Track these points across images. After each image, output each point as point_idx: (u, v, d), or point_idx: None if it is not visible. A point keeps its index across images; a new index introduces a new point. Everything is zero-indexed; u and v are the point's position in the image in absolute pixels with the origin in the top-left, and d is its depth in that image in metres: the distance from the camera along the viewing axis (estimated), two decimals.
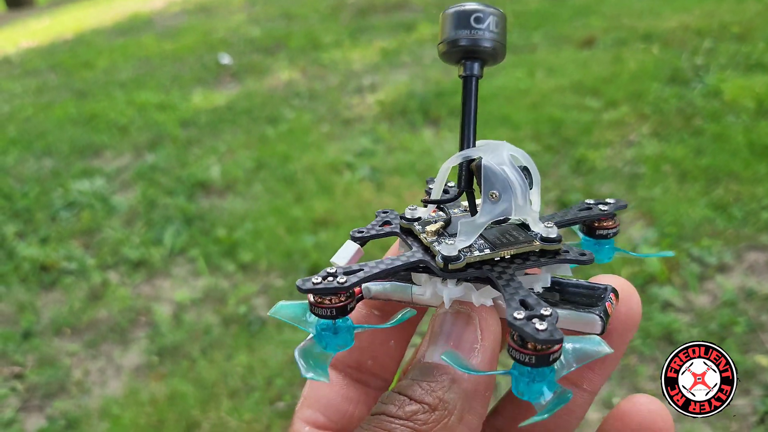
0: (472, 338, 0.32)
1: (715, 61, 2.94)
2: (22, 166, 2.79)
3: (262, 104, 3.18)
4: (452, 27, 0.34)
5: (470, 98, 0.34)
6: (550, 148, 2.39)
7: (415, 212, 0.36)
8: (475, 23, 0.33)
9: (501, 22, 0.34)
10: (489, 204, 0.32)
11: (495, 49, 0.34)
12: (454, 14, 0.34)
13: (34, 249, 2.14)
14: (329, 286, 0.30)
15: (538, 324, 0.27)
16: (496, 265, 0.32)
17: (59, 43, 5.14)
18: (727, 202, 1.94)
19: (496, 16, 0.34)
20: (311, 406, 0.37)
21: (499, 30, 0.34)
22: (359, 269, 0.31)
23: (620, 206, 0.38)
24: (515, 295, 0.30)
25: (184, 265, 2.03)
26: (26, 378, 1.67)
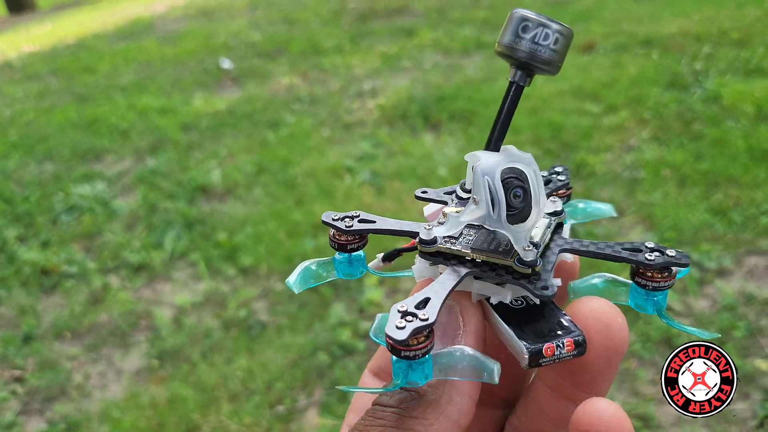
0: (455, 325, 0.33)
1: (714, 66, 2.94)
2: (24, 170, 2.80)
3: (263, 108, 3.19)
4: (514, 32, 0.34)
5: (507, 103, 0.36)
6: (550, 152, 2.40)
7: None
8: (535, 35, 0.33)
9: (563, 41, 0.34)
10: (472, 206, 0.32)
11: (549, 65, 0.34)
12: (520, 19, 0.34)
13: (35, 253, 2.14)
14: (338, 225, 0.36)
15: (398, 322, 0.29)
16: (466, 263, 0.33)
17: (61, 48, 5.15)
18: (726, 206, 1.95)
19: (560, 33, 0.33)
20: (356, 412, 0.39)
21: (558, 47, 0.34)
22: (373, 221, 0.37)
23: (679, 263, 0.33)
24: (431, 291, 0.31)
25: (185, 269, 2.03)
26: (27, 381, 1.67)
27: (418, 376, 0.30)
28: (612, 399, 1.11)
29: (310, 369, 1.58)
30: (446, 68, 3.48)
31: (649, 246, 0.34)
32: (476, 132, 2.57)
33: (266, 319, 1.77)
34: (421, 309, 0.30)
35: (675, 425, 1.34)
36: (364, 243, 0.38)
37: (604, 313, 0.32)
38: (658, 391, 1.42)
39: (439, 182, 2.24)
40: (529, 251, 0.32)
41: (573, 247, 0.35)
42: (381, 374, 0.40)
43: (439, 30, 4.23)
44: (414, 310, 0.30)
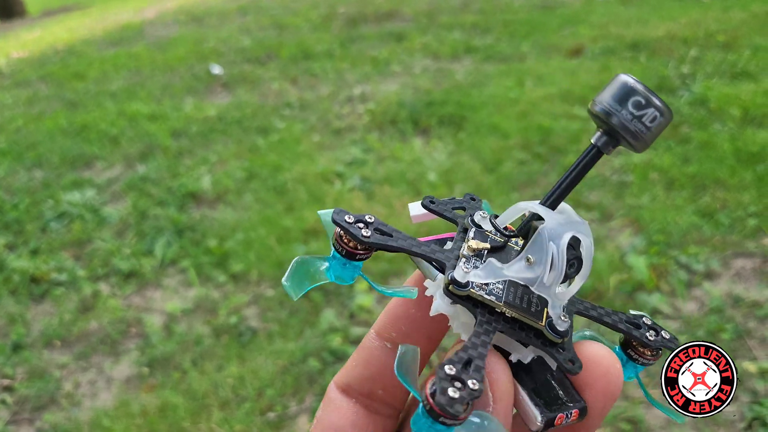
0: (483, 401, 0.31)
1: (701, 69, 2.97)
2: (13, 178, 2.79)
3: (253, 114, 3.19)
4: (616, 98, 0.32)
5: (582, 164, 0.34)
6: (539, 156, 2.41)
7: (483, 220, 0.36)
8: (638, 111, 0.31)
9: (662, 121, 0.32)
10: (521, 264, 0.32)
11: (637, 140, 0.32)
12: (625, 87, 0.32)
13: (24, 261, 2.13)
14: (353, 231, 0.32)
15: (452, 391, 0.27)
16: (493, 314, 0.32)
17: (50, 54, 5.13)
18: (713, 209, 1.96)
19: (660, 113, 0.31)
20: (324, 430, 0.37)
21: (653, 127, 0.31)
22: (390, 233, 0.34)
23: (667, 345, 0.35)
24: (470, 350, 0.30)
25: (175, 275, 2.03)
26: (16, 390, 1.66)
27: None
28: None
29: (300, 375, 1.58)
30: (436, 73, 3.49)
31: (647, 323, 0.35)
32: (465, 137, 2.58)
33: (257, 325, 1.77)
34: (467, 374, 0.28)
35: (664, 428, 1.35)
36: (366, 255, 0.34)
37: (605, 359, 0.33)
38: None
39: (428, 187, 2.24)
40: (564, 321, 0.32)
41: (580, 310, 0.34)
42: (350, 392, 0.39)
43: (429, 34, 4.24)
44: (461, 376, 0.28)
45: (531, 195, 2.17)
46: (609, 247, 1.87)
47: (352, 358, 0.39)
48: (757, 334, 1.53)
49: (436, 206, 0.37)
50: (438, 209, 0.37)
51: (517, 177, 2.28)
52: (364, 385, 0.38)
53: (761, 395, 1.37)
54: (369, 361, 0.38)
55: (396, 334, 0.38)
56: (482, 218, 0.36)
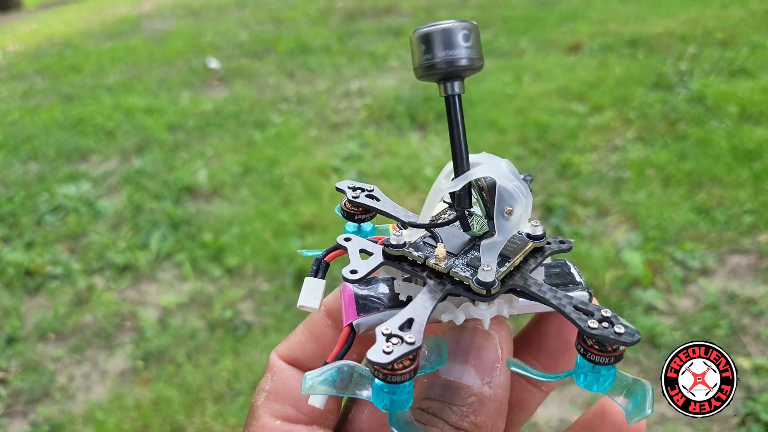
0: (493, 357, 0.32)
1: (699, 66, 2.97)
2: (8, 171, 2.78)
3: (249, 108, 3.18)
4: (424, 50, 0.32)
5: (457, 117, 0.33)
6: (536, 152, 2.41)
7: (400, 238, 0.34)
8: (447, 43, 0.31)
9: (473, 34, 0.32)
10: (502, 220, 0.32)
11: (472, 64, 0.32)
12: (425, 37, 0.32)
13: (18, 254, 2.13)
14: (408, 350, 0.28)
15: (616, 328, 0.29)
16: (514, 274, 0.33)
17: (47, 47, 5.11)
18: (710, 206, 1.96)
19: (466, 29, 0.32)
20: (279, 400, 0.37)
21: (472, 43, 0.32)
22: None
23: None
24: (563, 301, 0.31)
25: (171, 269, 2.03)
26: (10, 383, 1.66)
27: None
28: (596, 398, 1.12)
29: None
30: None
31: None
32: None
33: (252, 319, 1.77)
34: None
35: (658, 423, 1.35)
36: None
37: None
38: None
39: (425, 182, 2.24)
40: (536, 226, 0.34)
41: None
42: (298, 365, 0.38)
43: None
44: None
45: None
46: (605, 243, 1.87)
47: (298, 332, 0.39)
48: (752, 331, 1.53)
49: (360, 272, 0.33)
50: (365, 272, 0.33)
51: None
52: (314, 362, 0.38)
53: (755, 391, 1.38)
54: (319, 338, 0.38)
55: None
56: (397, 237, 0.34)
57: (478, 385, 0.32)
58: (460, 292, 0.32)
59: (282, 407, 0.36)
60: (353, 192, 0.38)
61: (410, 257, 0.34)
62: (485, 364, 0.32)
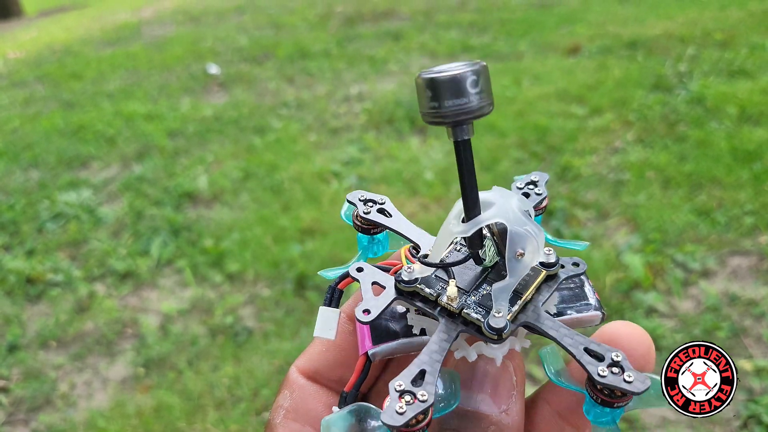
0: (509, 385, 0.33)
1: (698, 68, 2.97)
2: (9, 178, 2.78)
3: (249, 114, 3.18)
4: (430, 98, 0.30)
5: (467, 161, 0.32)
6: (535, 155, 2.41)
7: (412, 273, 0.34)
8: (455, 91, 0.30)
9: (482, 78, 0.30)
10: (514, 263, 0.32)
11: (482, 111, 0.31)
12: (431, 83, 0.30)
13: (20, 261, 2.13)
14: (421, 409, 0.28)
15: (625, 375, 0.29)
16: (527, 308, 0.33)
17: (47, 54, 5.12)
18: (710, 207, 1.96)
19: (475, 75, 0.30)
20: (298, 420, 0.37)
21: (481, 87, 0.30)
22: (422, 370, 0.30)
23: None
24: (574, 344, 0.31)
25: (171, 276, 2.03)
26: (11, 391, 1.66)
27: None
28: None
29: None
30: None
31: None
32: None
33: (253, 325, 1.77)
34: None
35: (660, 426, 1.35)
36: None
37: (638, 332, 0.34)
38: None
39: (425, 186, 2.24)
40: (550, 254, 0.34)
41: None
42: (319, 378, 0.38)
43: (426, 33, 4.24)
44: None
45: None
46: (605, 245, 1.87)
47: (319, 344, 0.38)
48: (753, 333, 1.53)
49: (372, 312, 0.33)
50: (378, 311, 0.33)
51: (514, 176, 2.27)
52: (335, 371, 0.38)
53: (757, 393, 1.37)
54: (341, 346, 0.38)
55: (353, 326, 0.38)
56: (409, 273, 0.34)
57: (495, 413, 0.32)
58: (472, 332, 0.32)
59: (301, 428, 0.36)
60: (364, 206, 0.39)
61: (422, 293, 0.34)
62: (502, 393, 0.33)
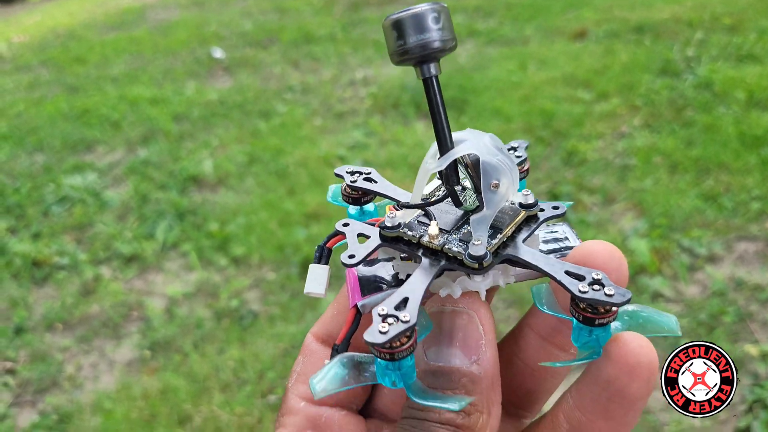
0: (476, 335, 0.33)
1: (706, 52, 2.94)
2: (14, 162, 2.78)
3: (254, 98, 3.17)
4: (396, 37, 0.33)
5: (436, 98, 0.34)
6: (541, 140, 2.40)
7: (394, 219, 0.35)
8: (418, 27, 0.32)
9: (443, 15, 0.33)
10: (491, 194, 0.33)
11: (444, 45, 0.33)
12: (396, 23, 0.33)
13: (26, 244, 2.14)
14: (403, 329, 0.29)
15: (606, 290, 0.29)
16: (506, 245, 0.34)
17: (51, 38, 5.11)
18: (717, 192, 1.95)
19: (436, 12, 0.33)
20: (306, 382, 0.37)
21: (443, 24, 0.33)
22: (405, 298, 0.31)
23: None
24: (554, 268, 0.31)
25: (177, 259, 2.03)
26: (18, 373, 1.67)
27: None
28: None
29: None
30: None
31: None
32: (468, 120, 2.56)
33: (258, 308, 1.77)
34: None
35: (664, 411, 1.35)
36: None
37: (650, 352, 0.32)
38: None
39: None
40: (528, 195, 0.34)
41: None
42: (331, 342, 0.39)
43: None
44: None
45: (533, 178, 2.16)
46: (611, 230, 1.87)
47: (331, 308, 0.39)
48: (759, 318, 1.53)
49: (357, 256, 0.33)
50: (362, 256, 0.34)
51: None
52: None
53: (762, 378, 1.37)
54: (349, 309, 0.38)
55: None
56: (392, 219, 0.35)
57: (466, 365, 0.32)
58: (455, 267, 0.33)
59: (308, 389, 0.37)
60: (351, 176, 0.39)
61: (405, 237, 0.34)
62: (470, 344, 0.32)
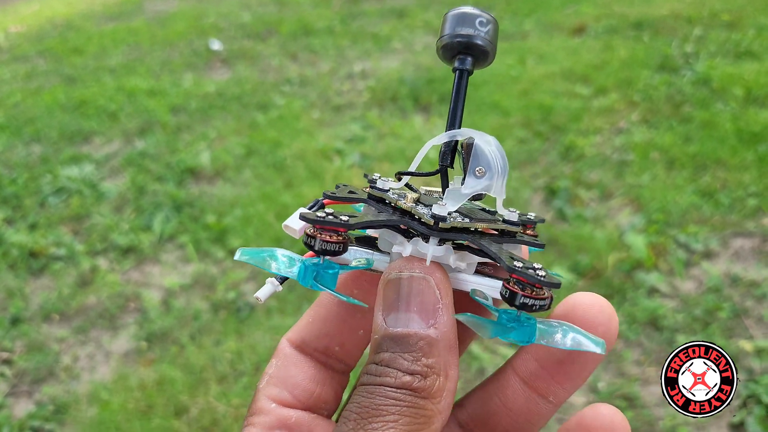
0: (433, 299, 0.33)
1: (704, 48, 2.94)
2: (11, 152, 2.78)
3: (252, 90, 3.17)
4: (453, 25, 0.37)
5: (461, 90, 0.37)
6: (539, 134, 2.40)
7: (386, 184, 0.39)
8: (474, 24, 0.37)
9: (494, 30, 0.37)
10: (474, 178, 0.34)
11: (487, 51, 0.37)
12: (458, 15, 0.37)
13: (22, 235, 2.13)
14: (335, 221, 0.33)
15: (539, 272, 0.31)
16: (472, 234, 0.35)
17: (48, 29, 5.09)
18: (714, 189, 1.96)
19: (492, 23, 0.37)
20: (278, 385, 0.38)
21: (491, 36, 0.37)
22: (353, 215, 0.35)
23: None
24: (500, 251, 0.33)
25: (174, 251, 2.03)
26: (15, 363, 1.67)
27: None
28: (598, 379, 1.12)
29: None
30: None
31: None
32: (466, 114, 2.55)
33: (255, 301, 1.77)
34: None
35: (659, 405, 1.35)
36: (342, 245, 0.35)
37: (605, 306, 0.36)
38: (643, 371, 1.43)
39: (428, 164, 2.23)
40: (513, 212, 0.37)
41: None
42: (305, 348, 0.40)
43: (430, 11, 4.20)
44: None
45: (531, 173, 2.16)
46: (608, 225, 1.87)
47: (307, 315, 0.40)
48: (754, 313, 1.53)
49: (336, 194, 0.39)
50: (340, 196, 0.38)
51: (518, 155, 2.27)
52: (321, 341, 0.40)
53: (757, 373, 1.38)
54: (327, 318, 0.39)
55: (357, 291, 0.39)
56: (383, 182, 0.39)
57: (424, 329, 0.32)
58: (413, 225, 0.35)
59: (279, 392, 0.38)
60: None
61: (387, 199, 0.37)
62: (427, 308, 0.33)
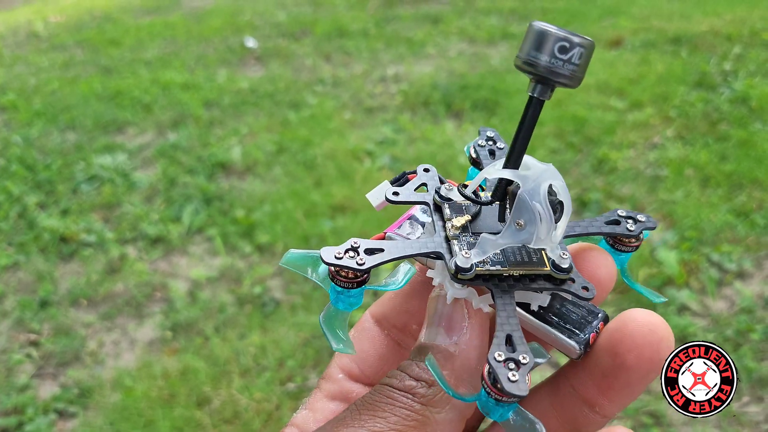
0: (460, 318, 0.34)
1: (744, 67, 2.90)
2: (46, 139, 2.82)
3: (285, 89, 3.19)
4: (534, 46, 0.32)
5: (531, 118, 0.34)
6: (572, 146, 2.38)
7: (450, 192, 0.37)
8: (558, 52, 0.31)
9: (586, 55, 0.32)
10: (512, 229, 0.33)
11: (570, 80, 0.32)
12: (541, 35, 0.31)
13: (54, 220, 2.16)
14: (349, 265, 0.32)
15: (510, 374, 0.29)
16: (504, 279, 0.34)
17: (87, 20, 5.17)
18: (749, 208, 1.92)
19: (583, 47, 0.31)
20: (351, 357, 0.40)
21: (581, 62, 0.32)
22: (380, 249, 0.33)
23: (649, 227, 0.38)
24: (505, 326, 0.31)
25: (202, 243, 2.04)
26: (42, 346, 1.69)
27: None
28: None
29: (322, 348, 1.59)
30: (471, 57, 3.46)
31: (622, 214, 0.38)
32: (498, 122, 2.55)
33: (280, 297, 1.78)
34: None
35: (686, 424, 1.33)
36: None
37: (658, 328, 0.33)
38: None
39: (459, 170, 2.22)
40: (565, 258, 0.34)
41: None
42: (384, 323, 0.41)
43: (466, 18, 4.19)
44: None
45: None
46: None
47: (389, 292, 0.41)
48: None
49: (400, 197, 0.37)
50: (403, 199, 0.37)
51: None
52: (400, 317, 0.40)
53: None
54: (410, 295, 0.40)
55: None
56: (448, 190, 0.37)
57: (446, 343, 0.34)
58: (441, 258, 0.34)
59: (349, 363, 0.40)
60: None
61: (443, 210, 0.37)
62: (453, 326, 0.34)
